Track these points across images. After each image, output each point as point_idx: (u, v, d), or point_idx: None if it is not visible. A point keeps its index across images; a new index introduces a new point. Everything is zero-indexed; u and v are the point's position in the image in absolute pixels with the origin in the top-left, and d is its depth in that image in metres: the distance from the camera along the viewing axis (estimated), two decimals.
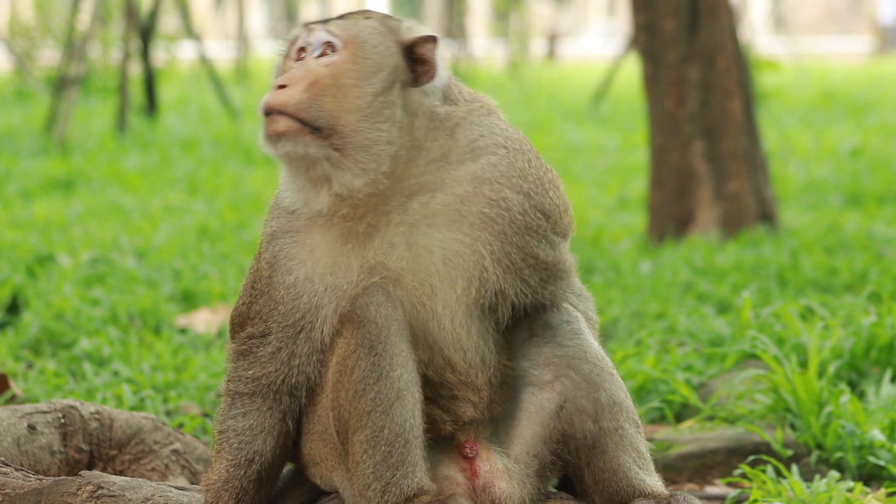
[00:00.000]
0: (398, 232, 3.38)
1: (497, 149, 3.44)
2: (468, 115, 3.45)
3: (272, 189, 3.58)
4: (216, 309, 7.18)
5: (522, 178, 3.43)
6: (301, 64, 3.39)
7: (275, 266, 3.44)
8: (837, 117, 18.96)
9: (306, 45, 3.41)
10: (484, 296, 3.42)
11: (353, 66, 3.36)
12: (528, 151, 3.48)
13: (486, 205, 3.40)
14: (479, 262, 3.40)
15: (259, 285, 3.47)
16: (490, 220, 3.40)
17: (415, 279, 3.39)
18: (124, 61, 17.13)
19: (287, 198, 3.45)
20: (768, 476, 4.36)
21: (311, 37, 3.41)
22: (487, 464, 3.45)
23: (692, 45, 9.25)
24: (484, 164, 3.42)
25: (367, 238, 3.39)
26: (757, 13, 35.78)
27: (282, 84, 3.35)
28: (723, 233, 9.23)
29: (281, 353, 3.44)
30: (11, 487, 3.66)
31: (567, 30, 49.34)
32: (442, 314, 3.41)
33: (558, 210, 3.49)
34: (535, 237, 3.44)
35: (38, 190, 12.44)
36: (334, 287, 3.39)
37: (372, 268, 3.38)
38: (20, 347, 6.60)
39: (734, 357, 5.64)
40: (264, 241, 3.48)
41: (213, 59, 20.43)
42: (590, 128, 18.19)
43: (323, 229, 3.41)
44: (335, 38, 3.39)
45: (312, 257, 3.41)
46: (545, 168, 3.50)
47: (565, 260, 3.51)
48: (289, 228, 3.45)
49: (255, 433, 3.48)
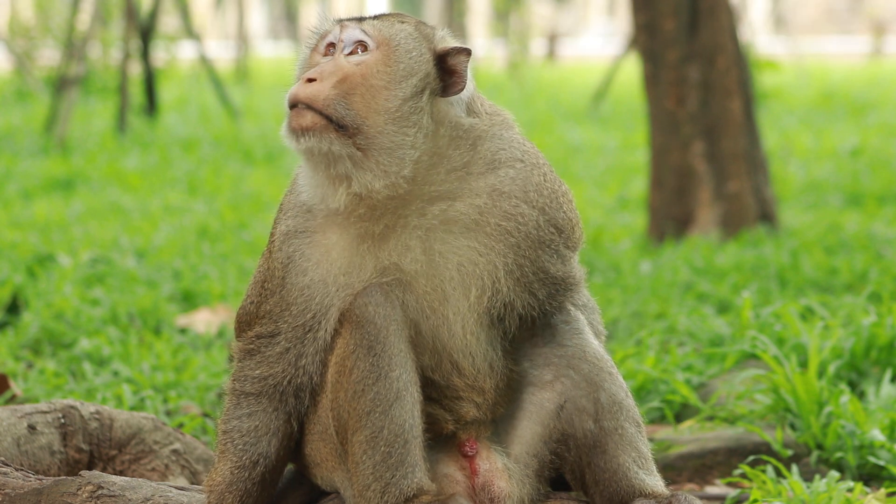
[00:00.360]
0: (414, 235, 3.38)
1: (515, 162, 3.45)
2: (490, 129, 3.46)
3: (272, 189, 3.58)
4: (216, 309, 7.18)
5: (538, 192, 3.45)
6: (331, 60, 3.37)
7: (289, 267, 3.42)
8: (837, 117, 18.95)
9: (337, 42, 3.40)
10: (494, 306, 3.42)
11: (385, 68, 3.36)
12: (543, 165, 3.50)
13: (503, 217, 3.41)
14: (493, 273, 3.40)
15: (270, 285, 3.46)
16: (506, 232, 3.41)
17: (428, 284, 3.39)
18: (124, 61, 17.13)
19: (304, 193, 3.44)
20: (768, 476, 4.36)
21: (343, 33, 3.40)
22: (487, 462, 3.46)
23: (692, 45, 9.25)
24: (502, 178, 3.43)
25: (382, 239, 3.38)
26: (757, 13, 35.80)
27: (311, 77, 3.34)
28: (723, 233, 9.23)
29: (289, 353, 3.43)
30: (11, 487, 3.66)
31: (567, 30, 49.34)
32: (453, 320, 3.41)
33: (571, 224, 3.51)
34: (548, 252, 3.45)
35: (38, 190, 12.44)
36: (346, 287, 3.38)
37: (385, 268, 3.37)
38: (20, 347, 6.60)
39: (734, 357, 5.64)
40: (278, 240, 3.46)
41: (213, 59, 20.43)
42: (590, 128, 18.19)
43: (340, 228, 3.40)
44: (369, 37, 3.38)
45: (328, 258, 3.40)
46: (559, 182, 3.52)
47: (574, 274, 3.52)
48: (305, 227, 3.44)
49: (260, 435, 3.47)
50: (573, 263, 3.53)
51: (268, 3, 52.37)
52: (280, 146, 15.85)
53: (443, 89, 3.41)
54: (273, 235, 3.49)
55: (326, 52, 3.41)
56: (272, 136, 16.70)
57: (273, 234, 3.49)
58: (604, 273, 8.37)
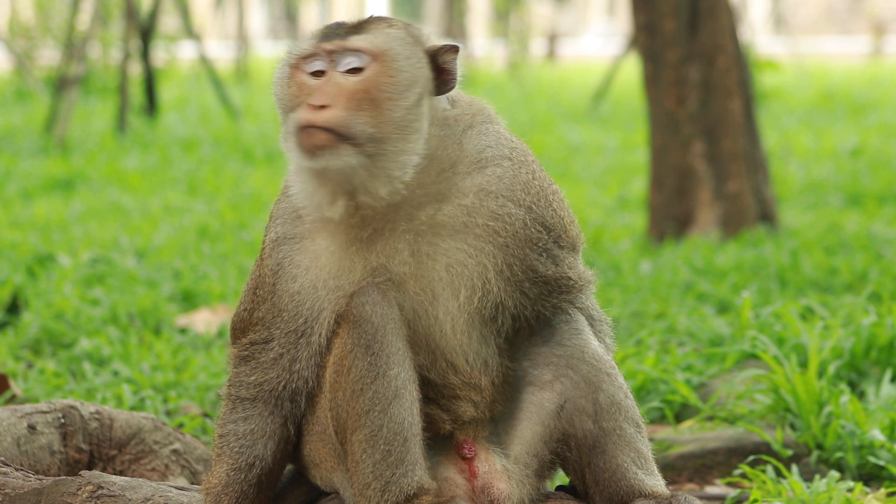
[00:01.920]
0: (403, 239, 3.38)
1: (502, 160, 3.44)
2: (473, 122, 3.45)
3: (272, 189, 3.58)
4: (216, 309, 7.18)
5: (526, 191, 3.43)
6: (327, 79, 3.33)
7: (279, 273, 3.43)
8: (837, 117, 18.95)
9: (330, 60, 3.35)
10: (485, 306, 3.42)
11: (387, 80, 3.33)
12: (532, 163, 3.49)
13: (490, 217, 3.40)
14: (482, 274, 3.40)
15: (262, 292, 3.47)
16: (494, 232, 3.40)
17: (417, 285, 3.39)
18: (124, 61, 17.13)
19: (296, 200, 3.43)
20: (768, 476, 4.36)
21: (335, 52, 3.34)
22: (486, 464, 3.45)
23: (692, 45, 9.25)
24: (490, 177, 3.42)
25: (370, 242, 3.38)
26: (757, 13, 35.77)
27: (318, 104, 3.29)
28: (723, 233, 9.23)
29: (283, 358, 3.43)
30: (11, 487, 3.66)
31: (567, 30, 49.34)
32: (443, 320, 3.41)
33: (562, 223, 3.49)
34: (535, 250, 3.44)
35: (38, 190, 12.44)
36: (337, 290, 3.39)
37: (374, 269, 3.38)
38: (20, 347, 6.60)
39: (734, 357, 5.65)
40: (268, 247, 3.47)
41: (213, 59, 20.43)
42: (590, 128, 18.18)
43: (328, 234, 3.41)
44: (363, 52, 3.34)
45: (317, 263, 3.41)
46: (548, 180, 3.51)
47: (568, 276, 3.49)
48: (293, 234, 3.44)
49: (255, 437, 3.48)
50: (571, 264, 3.51)
51: (268, 3, 52.38)
52: (280, 146, 15.83)
53: (436, 88, 3.41)
54: (263, 242, 3.50)
55: (316, 72, 3.34)
56: (272, 136, 16.70)
57: (264, 242, 3.50)
58: (604, 273, 8.37)
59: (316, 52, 3.36)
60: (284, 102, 3.39)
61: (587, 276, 3.56)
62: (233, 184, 12.77)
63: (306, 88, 3.35)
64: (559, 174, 12.85)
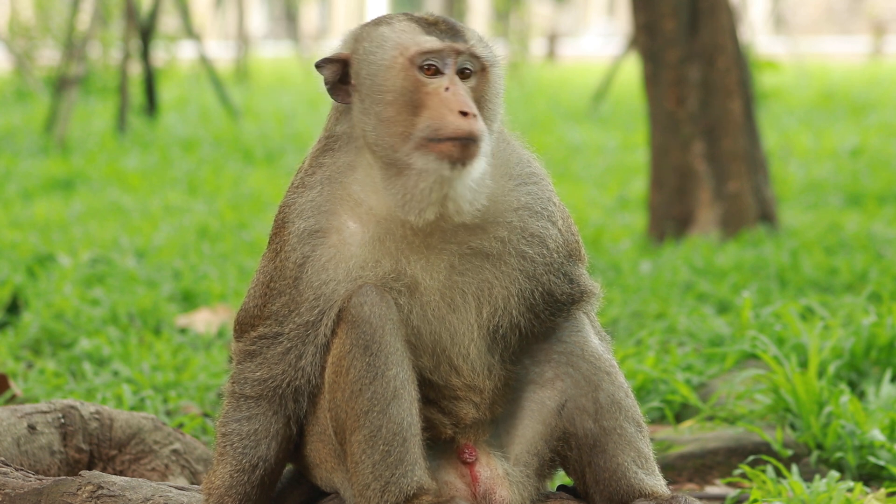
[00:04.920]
0: (445, 257, 3.36)
1: (534, 177, 3.47)
2: (502, 135, 3.47)
3: (272, 189, 3.55)
4: (216, 309, 7.18)
5: (556, 208, 3.47)
6: (457, 84, 3.28)
7: (304, 266, 3.38)
8: (837, 117, 18.95)
9: (454, 62, 3.31)
10: (501, 325, 3.43)
11: (493, 90, 3.36)
12: (547, 177, 3.51)
13: (527, 243, 3.41)
14: (506, 298, 3.41)
15: (279, 285, 3.41)
16: (530, 260, 3.41)
17: (440, 296, 3.37)
18: (124, 61, 17.13)
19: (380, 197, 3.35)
20: (768, 476, 4.36)
21: (462, 54, 3.31)
22: (488, 469, 3.45)
23: (692, 45, 9.25)
24: (526, 195, 3.43)
25: (412, 249, 3.36)
26: (757, 13, 35.78)
27: (464, 111, 3.25)
28: (723, 233, 9.23)
29: (290, 353, 3.40)
30: (11, 487, 3.66)
31: (567, 30, 49.33)
32: (457, 328, 3.40)
33: (575, 239, 3.53)
34: (557, 275, 3.46)
35: (38, 190, 12.44)
36: (357, 279, 3.35)
37: (399, 273, 3.35)
38: (20, 347, 6.61)
39: (734, 357, 5.65)
40: (293, 240, 3.39)
41: (213, 59, 20.43)
42: (590, 128, 18.18)
43: (362, 223, 3.36)
44: (481, 59, 3.34)
45: (348, 252, 3.36)
46: (556, 194, 3.53)
47: (577, 291, 3.50)
48: (322, 227, 3.39)
49: (259, 438, 3.46)
50: (578, 275, 3.51)
51: (268, 3, 52.38)
52: (280, 146, 15.91)
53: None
54: (280, 236, 3.42)
55: (430, 70, 3.29)
56: (272, 136, 16.71)
57: (280, 235, 3.42)
58: (604, 273, 8.37)
59: (444, 49, 3.32)
60: (395, 95, 3.31)
61: (592, 288, 3.56)
62: (233, 184, 12.77)
63: (428, 88, 3.29)
64: (559, 174, 12.84)
